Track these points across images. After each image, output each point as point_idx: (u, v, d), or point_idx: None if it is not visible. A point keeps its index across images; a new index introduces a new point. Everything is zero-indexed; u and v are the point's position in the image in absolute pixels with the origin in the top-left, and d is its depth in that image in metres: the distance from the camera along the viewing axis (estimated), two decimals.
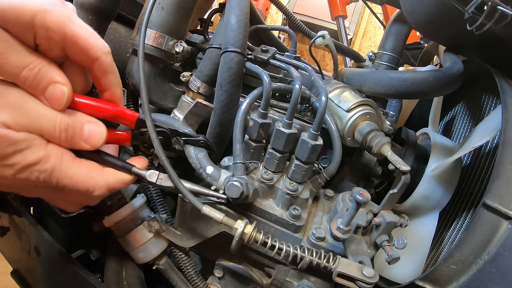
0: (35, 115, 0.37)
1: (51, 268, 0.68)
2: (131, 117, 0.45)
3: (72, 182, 0.40)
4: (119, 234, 0.57)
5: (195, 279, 0.58)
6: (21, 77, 0.35)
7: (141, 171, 0.46)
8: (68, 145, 0.40)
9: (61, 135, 0.38)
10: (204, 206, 0.45)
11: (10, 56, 0.34)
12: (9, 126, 0.35)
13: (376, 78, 0.66)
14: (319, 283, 0.54)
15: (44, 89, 0.37)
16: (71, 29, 0.36)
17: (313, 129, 0.51)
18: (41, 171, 0.37)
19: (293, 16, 1.06)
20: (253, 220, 0.52)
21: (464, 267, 0.49)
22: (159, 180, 0.46)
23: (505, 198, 0.47)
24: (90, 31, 0.38)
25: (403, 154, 0.69)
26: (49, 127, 0.37)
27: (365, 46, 3.70)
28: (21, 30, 0.34)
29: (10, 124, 0.35)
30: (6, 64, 0.34)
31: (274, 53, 0.64)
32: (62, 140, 0.39)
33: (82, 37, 0.37)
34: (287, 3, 3.54)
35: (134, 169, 0.45)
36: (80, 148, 0.41)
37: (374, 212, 0.53)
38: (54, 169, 0.38)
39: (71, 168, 0.40)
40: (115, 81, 0.43)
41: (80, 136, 0.40)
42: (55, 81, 0.37)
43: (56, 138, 0.38)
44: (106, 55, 0.40)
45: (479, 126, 0.62)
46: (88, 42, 0.37)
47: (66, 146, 0.40)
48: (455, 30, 0.62)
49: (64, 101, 0.38)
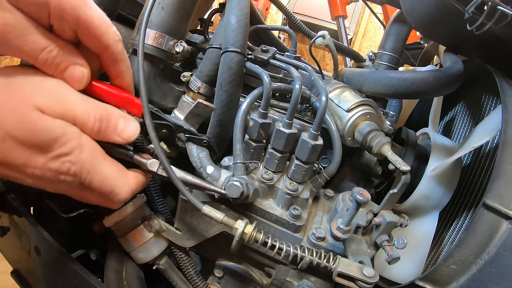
0: (70, 102, 0.36)
1: (51, 268, 0.68)
2: (139, 106, 0.45)
3: (101, 178, 0.39)
4: (119, 234, 0.57)
5: (195, 279, 0.58)
6: (40, 59, 0.35)
7: (143, 160, 0.45)
8: (99, 137, 0.39)
9: (95, 124, 0.38)
10: (204, 206, 0.45)
11: (27, 38, 0.34)
12: (44, 111, 0.34)
13: (376, 78, 0.66)
14: (319, 283, 0.54)
15: (63, 70, 0.37)
16: (85, 13, 0.35)
17: (313, 129, 0.51)
18: (73, 162, 0.36)
19: (293, 16, 1.06)
20: (253, 220, 0.52)
21: (464, 267, 0.49)
22: (160, 170, 0.45)
23: (505, 198, 0.47)
24: (103, 17, 0.37)
25: (403, 154, 0.69)
26: (84, 115, 0.37)
27: (365, 46, 3.70)
28: (35, 9, 0.34)
29: (45, 110, 0.34)
30: (24, 46, 0.34)
31: (274, 53, 0.64)
32: (95, 130, 0.38)
33: (94, 23, 0.36)
34: (287, 3, 3.54)
35: (135, 156, 0.45)
36: (112, 140, 0.40)
37: (374, 212, 0.53)
38: (86, 162, 0.37)
39: (102, 164, 0.39)
40: (125, 69, 0.42)
41: (114, 128, 0.39)
42: (74, 62, 0.37)
43: (89, 128, 0.37)
44: (117, 42, 0.39)
45: (479, 126, 0.62)
46: (100, 28, 0.37)
47: (97, 138, 0.39)
48: (455, 30, 0.62)
49: (84, 82, 0.38)
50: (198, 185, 0.47)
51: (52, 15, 0.34)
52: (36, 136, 0.34)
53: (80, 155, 0.37)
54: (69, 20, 0.35)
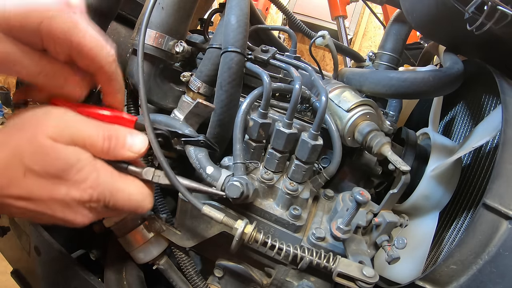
0: (78, 125, 0.37)
1: (51, 268, 0.68)
2: (129, 122, 0.45)
3: (124, 197, 0.40)
4: (119, 234, 0.57)
5: (195, 279, 0.58)
6: (40, 82, 0.37)
7: (137, 169, 0.45)
8: (111, 155, 0.40)
9: (104, 143, 0.38)
10: (204, 206, 0.45)
11: (23, 63, 0.35)
12: (56, 140, 0.35)
13: (376, 78, 0.66)
14: (319, 283, 0.54)
15: (62, 87, 0.39)
16: (77, 36, 0.36)
17: (313, 129, 0.51)
18: (93, 187, 0.37)
19: (293, 16, 1.06)
20: (253, 220, 0.52)
21: (464, 267, 0.49)
22: (155, 177, 0.46)
23: (505, 198, 0.47)
24: (96, 39, 0.38)
25: (403, 154, 0.69)
26: (93, 136, 0.38)
27: (365, 46, 3.70)
28: (28, 36, 0.35)
29: (56, 138, 0.35)
30: (22, 71, 0.36)
31: (274, 53, 0.64)
32: (105, 149, 0.39)
33: (87, 46, 0.37)
34: (287, 3, 3.54)
35: (130, 167, 0.45)
36: (123, 157, 0.41)
37: (374, 212, 0.53)
38: (106, 184, 0.38)
39: (122, 182, 0.40)
40: (117, 88, 0.43)
41: (123, 145, 0.40)
42: (70, 80, 0.39)
43: (99, 147, 0.38)
44: (110, 64, 0.40)
45: (479, 126, 0.62)
46: (92, 51, 0.38)
47: (108, 157, 0.40)
48: (455, 30, 0.62)
49: (82, 97, 0.41)
50: (196, 188, 0.47)
51: (45, 41, 0.35)
52: (53, 166, 0.35)
53: (99, 179, 0.38)
54: (61, 45, 0.36)
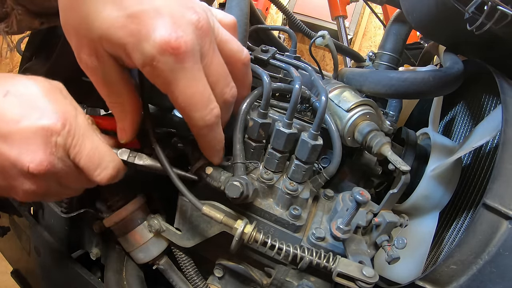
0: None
1: (51, 268, 0.68)
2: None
3: (93, 146, 0.39)
4: (119, 234, 0.57)
5: (195, 279, 0.58)
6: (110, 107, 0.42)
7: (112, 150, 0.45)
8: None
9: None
10: (204, 206, 0.45)
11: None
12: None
13: (376, 78, 0.66)
14: (319, 283, 0.54)
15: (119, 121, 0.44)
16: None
17: (313, 129, 0.51)
18: (70, 120, 0.37)
19: (293, 16, 1.06)
20: (253, 220, 0.52)
21: (464, 267, 0.49)
22: (130, 158, 0.45)
23: (505, 198, 0.47)
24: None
25: (403, 154, 0.69)
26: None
27: (365, 46, 3.70)
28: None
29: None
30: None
31: (274, 53, 0.64)
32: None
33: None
34: (287, 3, 3.54)
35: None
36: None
37: (374, 212, 0.53)
38: (82, 124, 0.38)
39: (95, 134, 0.40)
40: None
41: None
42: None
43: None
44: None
45: (479, 126, 0.62)
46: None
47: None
48: (455, 30, 0.62)
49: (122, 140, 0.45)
50: (168, 171, 0.46)
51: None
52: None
53: (77, 118, 0.38)
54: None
